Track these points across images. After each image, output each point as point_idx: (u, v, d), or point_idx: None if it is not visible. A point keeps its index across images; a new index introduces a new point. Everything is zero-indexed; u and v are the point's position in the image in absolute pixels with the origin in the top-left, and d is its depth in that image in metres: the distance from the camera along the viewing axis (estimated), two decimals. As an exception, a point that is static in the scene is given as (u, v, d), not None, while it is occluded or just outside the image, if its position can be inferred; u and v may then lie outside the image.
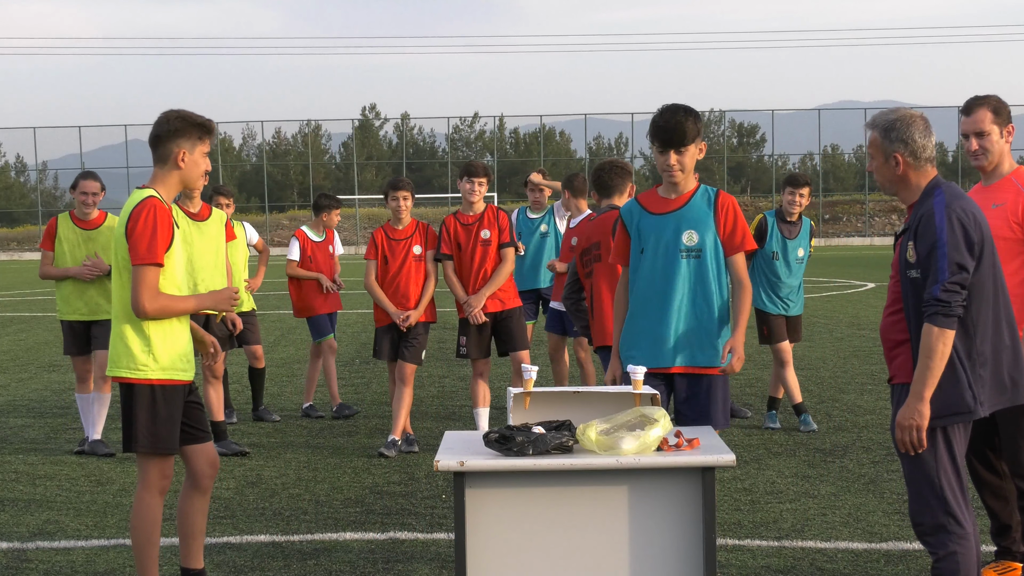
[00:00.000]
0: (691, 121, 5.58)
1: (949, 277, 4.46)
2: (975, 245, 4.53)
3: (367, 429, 10.32)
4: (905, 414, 4.55)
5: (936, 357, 4.47)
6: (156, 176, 5.51)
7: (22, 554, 6.62)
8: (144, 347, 5.38)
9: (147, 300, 5.29)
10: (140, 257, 5.28)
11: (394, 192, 9.41)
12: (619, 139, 77.24)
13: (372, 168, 73.31)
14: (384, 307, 9.30)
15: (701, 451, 4.63)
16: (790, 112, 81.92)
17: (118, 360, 5.43)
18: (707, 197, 5.69)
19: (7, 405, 11.98)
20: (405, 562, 6.34)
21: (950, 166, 66.61)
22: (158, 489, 5.52)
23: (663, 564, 4.56)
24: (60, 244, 9.42)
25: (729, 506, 7.40)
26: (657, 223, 5.68)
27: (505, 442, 4.56)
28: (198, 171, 5.54)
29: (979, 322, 4.58)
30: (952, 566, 4.57)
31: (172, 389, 5.46)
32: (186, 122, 5.47)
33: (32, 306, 25.72)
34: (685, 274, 5.62)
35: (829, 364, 13.75)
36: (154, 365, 5.39)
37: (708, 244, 5.62)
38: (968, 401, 4.56)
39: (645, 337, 5.69)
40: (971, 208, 4.60)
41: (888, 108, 4.88)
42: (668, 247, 5.64)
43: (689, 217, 5.65)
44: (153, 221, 5.30)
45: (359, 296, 24.66)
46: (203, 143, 5.52)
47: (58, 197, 74.16)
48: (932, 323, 4.47)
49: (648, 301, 5.68)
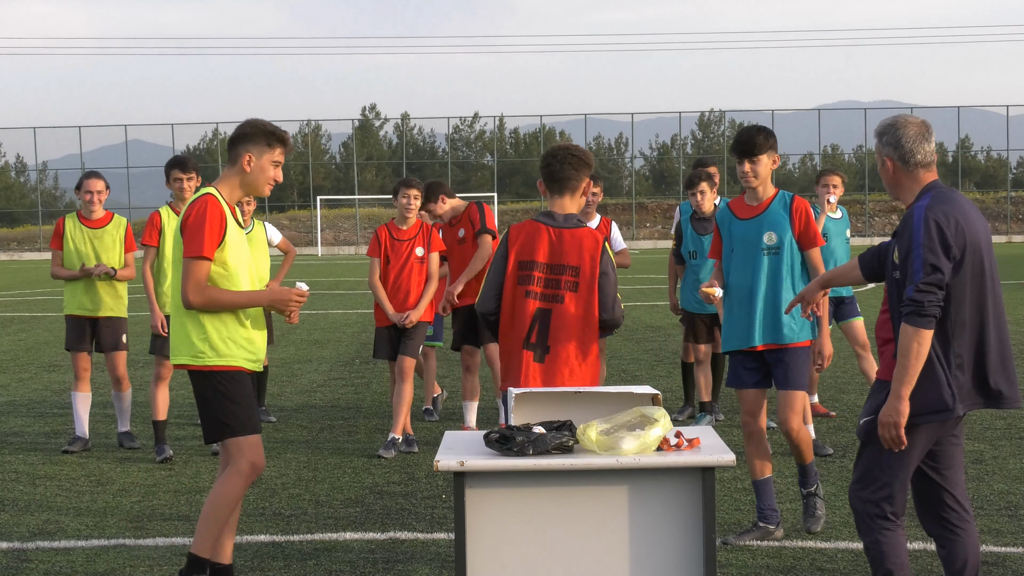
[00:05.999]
0: (762, 136, 6.56)
1: (923, 278, 4.58)
2: (952, 248, 4.62)
3: (367, 429, 10.32)
4: (885, 411, 4.69)
5: (911, 356, 4.61)
6: (222, 177, 5.71)
7: (22, 554, 6.62)
8: (201, 335, 5.55)
9: (192, 292, 5.47)
10: (188, 250, 5.48)
11: (405, 190, 9.47)
12: (619, 139, 77.19)
13: (372, 168, 73.28)
14: (384, 308, 9.33)
15: (701, 451, 4.63)
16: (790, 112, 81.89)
17: (179, 348, 5.61)
18: (784, 202, 6.64)
19: (7, 405, 11.97)
20: (405, 562, 6.34)
21: (950, 166, 66.62)
22: (248, 472, 5.62)
23: (663, 564, 4.56)
24: (67, 243, 9.51)
25: (729, 506, 7.40)
26: (744, 227, 6.65)
27: (505, 442, 4.56)
28: (264, 177, 5.67)
29: (957, 324, 4.68)
30: (876, 553, 4.81)
31: (236, 374, 5.59)
32: (257, 129, 5.64)
33: (32, 306, 25.71)
34: (766, 268, 6.56)
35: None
36: (211, 352, 5.54)
37: (785, 243, 6.57)
38: (947, 400, 4.68)
39: (738, 321, 6.62)
40: (955, 213, 4.68)
41: (894, 113, 4.99)
42: (752, 247, 6.59)
43: (769, 220, 6.60)
44: (204, 216, 5.47)
45: (360, 296, 24.65)
46: (272, 151, 5.65)
47: (58, 197, 74.14)
48: (907, 323, 4.61)
49: (740, 293, 6.62)
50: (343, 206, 67.81)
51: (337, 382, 13.17)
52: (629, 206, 65.59)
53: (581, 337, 5.66)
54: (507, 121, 77.99)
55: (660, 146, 77.13)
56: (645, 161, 77.29)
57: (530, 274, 5.68)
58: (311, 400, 11.89)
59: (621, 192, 71.57)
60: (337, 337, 17.90)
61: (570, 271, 5.67)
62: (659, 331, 17.95)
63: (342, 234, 65.71)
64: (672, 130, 73.33)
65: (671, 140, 75.34)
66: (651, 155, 77.62)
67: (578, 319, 5.66)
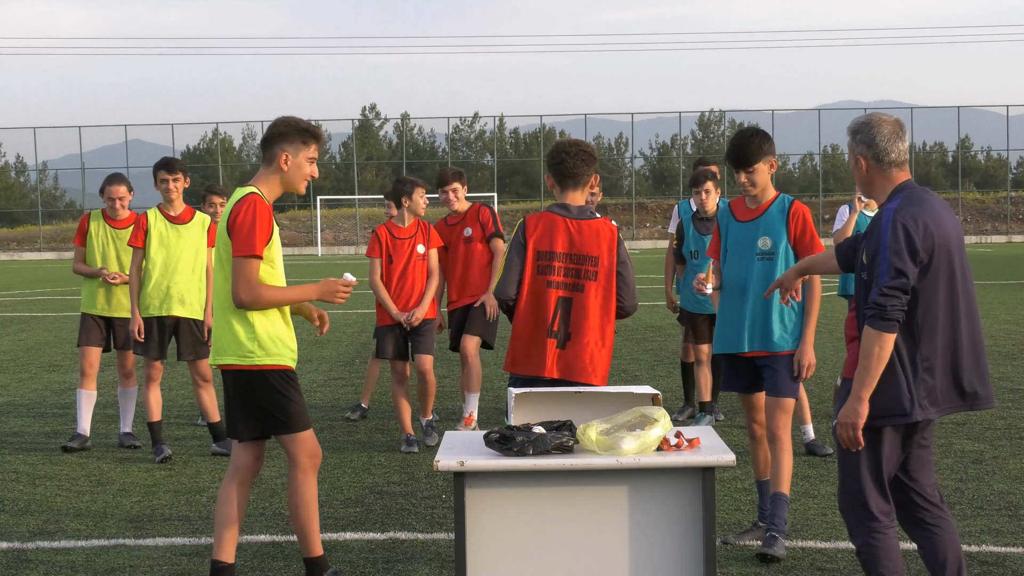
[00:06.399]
0: (755, 144, 6.40)
1: (888, 281, 4.59)
2: (919, 253, 4.62)
3: (367, 429, 10.32)
4: (844, 412, 4.73)
5: (872, 359, 4.63)
6: (260, 176, 5.76)
7: (22, 554, 6.62)
8: (250, 334, 5.60)
9: (244, 291, 5.53)
10: (239, 249, 5.53)
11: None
12: (619, 139, 77.19)
13: (372, 168, 73.27)
14: (387, 308, 9.35)
15: (701, 451, 4.63)
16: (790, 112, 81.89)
17: (224, 349, 5.64)
18: (782, 207, 6.48)
19: (7, 405, 11.97)
20: (405, 562, 6.34)
21: (950, 166, 66.58)
22: (310, 467, 5.71)
23: (663, 564, 4.56)
24: (91, 241, 9.72)
25: (729, 506, 7.40)
26: (740, 229, 6.53)
27: (505, 442, 4.56)
28: (301, 175, 5.75)
29: (925, 328, 4.68)
30: (868, 557, 4.81)
31: (284, 372, 5.66)
32: (291, 127, 5.70)
33: (32, 306, 25.71)
34: (758, 273, 6.41)
35: (829, 364, 13.75)
36: (260, 352, 5.60)
37: (780, 248, 6.41)
38: (904, 404, 4.69)
39: (729, 325, 6.49)
40: (924, 216, 4.67)
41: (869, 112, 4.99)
42: (746, 250, 6.47)
43: (765, 225, 6.46)
44: (253, 215, 5.54)
45: (359, 296, 24.65)
46: (307, 148, 5.73)
47: (58, 197, 74.12)
48: (870, 325, 4.63)
49: (732, 295, 6.50)
50: (343, 206, 67.84)
51: (337, 382, 13.17)
52: (629, 206, 65.59)
53: (601, 324, 6.03)
54: (507, 121, 78.04)
55: (660, 146, 77.15)
56: (645, 161, 77.27)
57: (550, 264, 6.02)
58: (311, 400, 11.89)
59: (621, 192, 71.57)
60: (337, 337, 17.89)
61: (590, 261, 6.02)
62: (659, 331, 17.94)
63: (342, 234, 65.72)
64: (672, 130, 73.37)
65: (671, 140, 75.37)
66: (651, 155, 77.65)
67: (598, 307, 6.02)
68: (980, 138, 76.99)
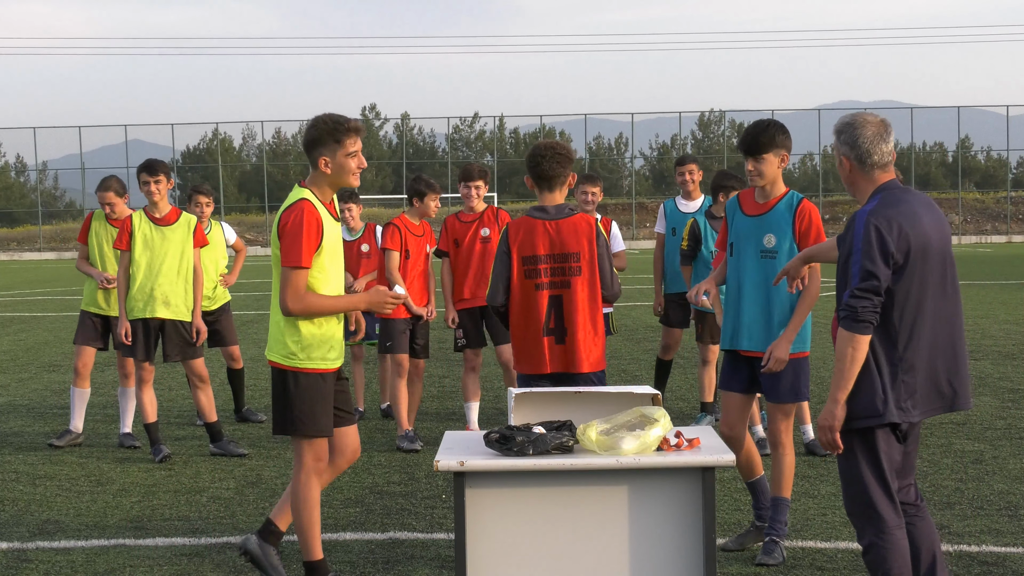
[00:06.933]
0: (768, 134, 6.26)
1: (859, 284, 4.60)
2: (892, 255, 4.60)
3: (367, 429, 10.32)
4: (822, 415, 4.73)
5: (846, 361, 4.63)
6: (311, 178, 5.82)
7: (22, 554, 6.62)
8: (295, 337, 5.67)
9: (292, 301, 5.59)
10: (286, 259, 5.58)
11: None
12: (619, 139, 77.23)
13: (372, 168, 73.32)
14: (407, 302, 9.41)
15: (701, 451, 4.63)
16: (790, 112, 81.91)
17: (273, 346, 5.76)
18: (790, 204, 6.34)
19: (7, 405, 11.97)
20: (405, 562, 6.34)
21: (950, 166, 66.59)
22: (313, 471, 5.77)
23: (663, 564, 4.56)
24: (92, 239, 9.79)
25: (729, 506, 7.40)
26: (746, 223, 6.38)
27: (505, 442, 4.57)
28: (345, 172, 5.76)
29: (903, 329, 4.67)
30: (875, 557, 4.76)
31: (320, 376, 5.73)
32: (321, 130, 5.70)
33: (32, 306, 25.71)
34: (760, 271, 6.29)
35: (829, 364, 13.74)
36: (302, 355, 5.68)
37: (784, 248, 6.27)
38: (878, 406, 4.68)
39: (729, 322, 6.38)
40: (899, 218, 4.65)
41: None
42: (750, 245, 6.33)
43: (771, 222, 6.32)
44: (301, 224, 5.58)
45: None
46: (342, 146, 5.72)
47: (58, 197, 74.13)
48: (843, 327, 4.64)
49: (732, 291, 6.39)
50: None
51: (337, 382, 13.16)
52: (629, 206, 65.60)
53: (591, 314, 6.28)
54: (507, 121, 78.08)
55: (660, 146, 77.17)
56: (645, 161, 77.29)
57: (535, 268, 6.28)
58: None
59: (621, 192, 71.58)
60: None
61: (573, 258, 6.27)
62: (659, 331, 17.89)
63: (342, 234, 65.76)
64: (672, 130, 73.39)
65: (671, 140, 75.39)
66: (651, 155, 77.67)
67: (586, 299, 6.28)
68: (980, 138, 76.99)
